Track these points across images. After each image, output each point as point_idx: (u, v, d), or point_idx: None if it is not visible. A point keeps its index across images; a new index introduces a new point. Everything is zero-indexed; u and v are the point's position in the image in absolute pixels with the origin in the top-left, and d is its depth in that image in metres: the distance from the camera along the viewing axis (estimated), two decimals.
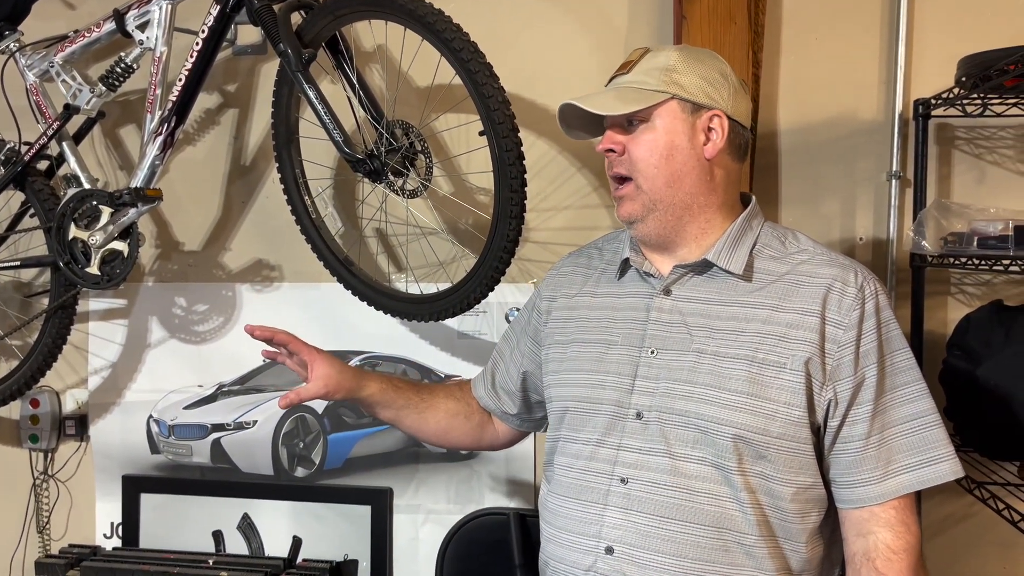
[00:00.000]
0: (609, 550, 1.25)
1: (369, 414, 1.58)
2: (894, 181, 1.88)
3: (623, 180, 1.31)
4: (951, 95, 1.71)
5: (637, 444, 1.26)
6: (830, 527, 1.28)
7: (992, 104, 1.72)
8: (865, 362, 1.22)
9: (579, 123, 1.36)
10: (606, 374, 1.32)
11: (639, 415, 1.27)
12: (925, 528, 1.82)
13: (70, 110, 1.93)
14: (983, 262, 1.61)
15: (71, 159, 1.96)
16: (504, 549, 1.95)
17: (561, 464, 1.36)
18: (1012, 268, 1.55)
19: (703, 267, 1.30)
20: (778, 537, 1.23)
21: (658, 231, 1.30)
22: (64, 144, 1.97)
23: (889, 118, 1.89)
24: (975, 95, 1.68)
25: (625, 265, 1.38)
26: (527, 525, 1.94)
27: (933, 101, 1.78)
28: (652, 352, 1.29)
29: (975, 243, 1.63)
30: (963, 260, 1.65)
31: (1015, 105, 1.73)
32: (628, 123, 1.30)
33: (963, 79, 1.66)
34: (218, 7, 1.75)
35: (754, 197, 1.37)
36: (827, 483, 1.26)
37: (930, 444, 1.22)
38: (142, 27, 1.83)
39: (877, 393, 1.22)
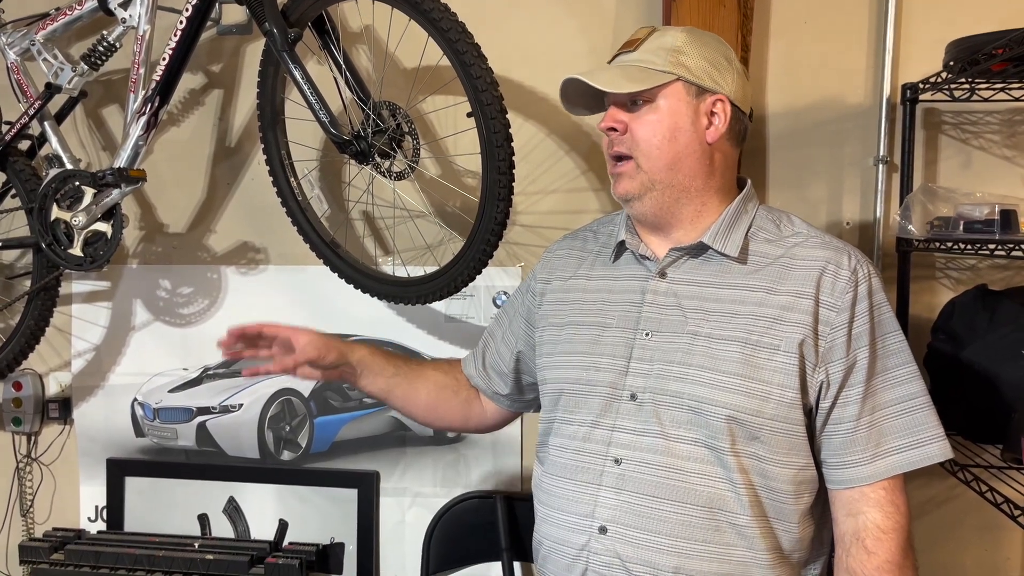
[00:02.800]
0: (603, 530, 1.26)
1: (358, 387, 1.54)
2: (881, 166, 1.88)
3: (622, 158, 1.30)
4: (939, 79, 1.71)
5: (631, 425, 1.27)
6: (820, 508, 1.29)
7: (979, 88, 1.73)
8: (857, 344, 1.22)
9: (580, 99, 1.35)
10: (601, 356, 1.32)
11: (633, 396, 1.27)
12: None
13: (51, 89, 1.91)
14: (969, 246, 1.61)
15: (53, 139, 1.94)
16: (491, 532, 1.95)
17: (556, 445, 1.36)
18: (998, 252, 1.55)
19: (699, 250, 1.30)
20: (770, 518, 1.24)
21: (654, 210, 1.30)
22: (46, 124, 1.94)
23: (877, 102, 1.89)
24: (963, 79, 1.68)
25: (620, 248, 1.38)
26: (514, 508, 1.94)
27: (921, 85, 1.79)
28: (647, 334, 1.29)
29: (961, 227, 1.64)
30: (949, 244, 1.66)
31: (1002, 90, 1.73)
32: (632, 102, 1.28)
33: (951, 63, 1.66)
34: None
35: (749, 180, 1.37)
36: (818, 464, 1.27)
37: (920, 426, 1.23)
38: (125, 5, 1.81)
39: (868, 375, 1.23)
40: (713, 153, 1.29)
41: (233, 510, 2.17)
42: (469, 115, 1.58)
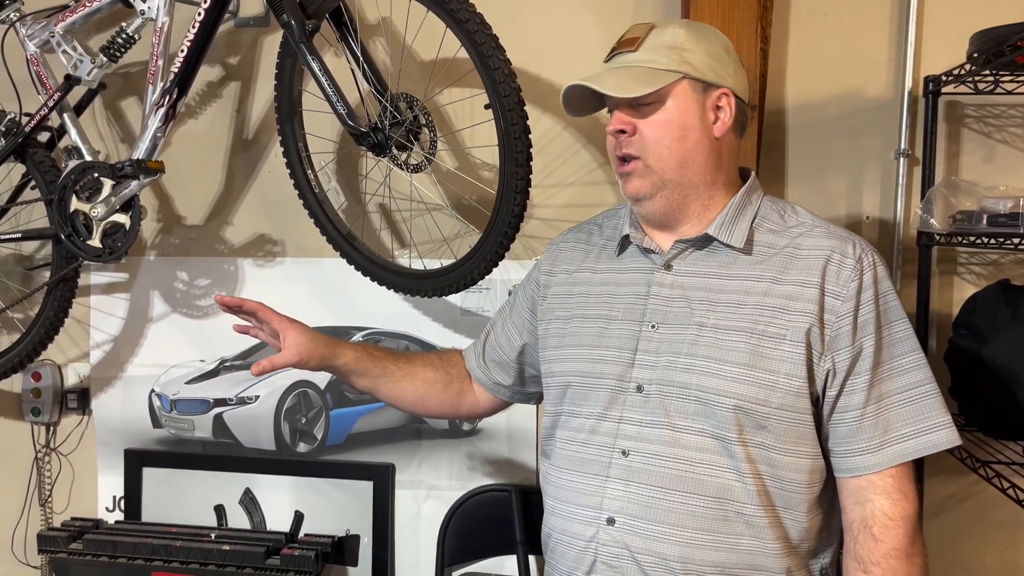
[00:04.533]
0: (611, 521, 1.26)
1: (346, 383, 1.57)
2: (902, 159, 1.86)
3: (630, 158, 1.29)
4: (962, 72, 1.69)
5: (638, 417, 1.27)
6: (829, 497, 1.29)
7: (1003, 81, 1.70)
8: (863, 332, 1.22)
9: (582, 103, 1.34)
10: (607, 348, 1.32)
11: (640, 388, 1.28)
12: (926, 508, 1.82)
13: (71, 81, 1.92)
14: (992, 240, 1.60)
15: (72, 131, 1.95)
16: (506, 525, 1.95)
17: (563, 438, 1.36)
18: (1021, 246, 1.53)
19: (704, 241, 1.30)
20: (778, 507, 1.24)
21: (664, 209, 1.30)
22: (65, 115, 1.95)
23: (898, 95, 1.87)
24: (987, 72, 1.66)
25: (625, 241, 1.38)
26: (529, 501, 1.94)
27: (943, 78, 1.76)
28: (653, 326, 1.29)
29: (984, 221, 1.62)
30: (972, 238, 1.64)
31: None
32: (638, 103, 1.28)
33: (975, 55, 1.64)
34: None
35: (753, 171, 1.37)
36: (825, 453, 1.27)
37: (926, 413, 1.23)
38: None
39: (874, 363, 1.22)
40: (721, 147, 1.29)
41: (249, 501, 2.18)
42: (487, 107, 1.58)
